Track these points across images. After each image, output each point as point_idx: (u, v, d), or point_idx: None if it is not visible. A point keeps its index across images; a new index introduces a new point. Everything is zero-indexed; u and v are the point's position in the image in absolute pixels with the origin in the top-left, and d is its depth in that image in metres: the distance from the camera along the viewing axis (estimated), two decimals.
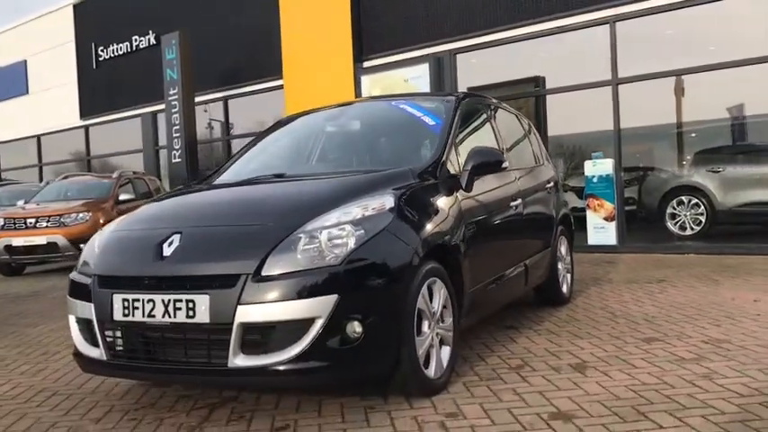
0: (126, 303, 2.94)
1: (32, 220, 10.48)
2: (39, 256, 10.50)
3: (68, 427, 3.09)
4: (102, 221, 10.66)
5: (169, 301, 2.85)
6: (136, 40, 15.42)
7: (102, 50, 16.29)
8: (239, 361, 2.78)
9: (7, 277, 10.56)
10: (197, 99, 13.46)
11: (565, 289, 5.44)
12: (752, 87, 9.01)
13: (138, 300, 2.92)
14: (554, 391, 3.18)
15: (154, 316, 2.88)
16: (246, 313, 2.75)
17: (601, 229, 9.25)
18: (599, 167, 9.29)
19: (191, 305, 2.81)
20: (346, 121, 4.52)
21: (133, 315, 2.93)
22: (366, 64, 11.73)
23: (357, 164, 4.04)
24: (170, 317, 2.85)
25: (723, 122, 10.22)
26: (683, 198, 9.58)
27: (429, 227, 3.29)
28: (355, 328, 2.82)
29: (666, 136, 10.94)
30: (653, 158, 11.00)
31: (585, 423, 2.75)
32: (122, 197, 11.42)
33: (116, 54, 15.95)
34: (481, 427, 2.78)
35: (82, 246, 10.54)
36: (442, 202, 3.51)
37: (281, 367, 2.76)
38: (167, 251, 2.97)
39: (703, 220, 9.38)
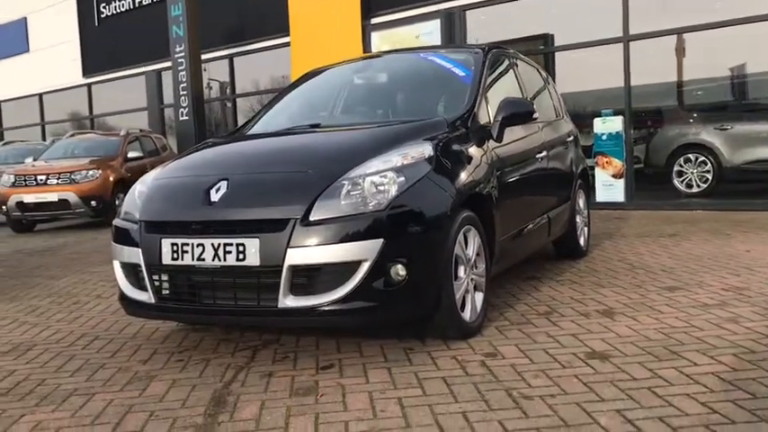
0: (175, 248, 3.03)
1: (43, 177, 10.52)
2: (50, 212, 10.57)
3: (118, 368, 3.20)
4: (111, 179, 10.76)
5: (219, 245, 2.94)
6: None
7: (104, 7, 16.10)
8: (289, 302, 2.88)
9: (19, 234, 10.63)
10: (201, 57, 13.37)
11: (582, 242, 5.54)
12: (760, 45, 9.01)
13: (187, 244, 3.00)
14: (586, 334, 3.30)
15: (203, 259, 2.97)
16: (296, 256, 2.84)
17: (609, 187, 9.33)
18: (608, 125, 9.34)
19: (241, 249, 2.90)
20: (376, 74, 4.56)
21: (182, 259, 3.02)
22: (375, 20, 11.65)
23: (390, 115, 4.10)
24: (220, 260, 2.94)
25: (731, 80, 10.22)
26: (690, 156, 9.65)
27: (464, 176, 3.37)
28: (399, 270, 2.91)
29: (674, 94, 10.95)
30: (660, 116, 11.02)
31: (622, 362, 2.87)
32: (131, 155, 11.46)
33: (119, 11, 15.78)
34: (521, 365, 2.89)
35: (93, 203, 10.79)
36: (475, 152, 3.58)
37: (330, 307, 2.87)
38: (215, 197, 3.05)
39: (710, 178, 9.46)
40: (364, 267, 2.85)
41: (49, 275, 6.18)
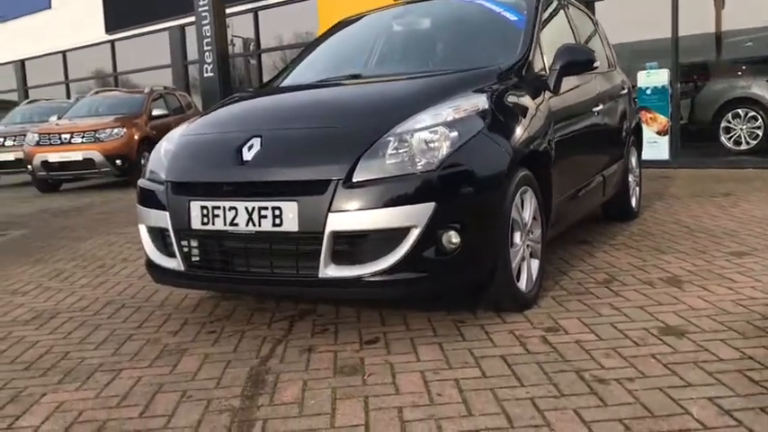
0: (205, 211, 2.76)
1: (67, 136, 10.34)
2: (75, 172, 10.41)
3: (146, 340, 2.98)
4: (136, 137, 10.56)
5: (253, 208, 2.66)
6: None
7: None
8: (330, 271, 2.61)
9: (44, 194, 10.51)
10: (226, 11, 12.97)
11: (634, 203, 5.19)
12: None
13: (218, 207, 2.73)
14: (655, 306, 3.00)
15: (236, 224, 2.70)
16: (338, 221, 2.56)
17: (653, 144, 8.86)
18: (653, 78, 8.84)
19: (277, 213, 2.62)
20: (418, 20, 4.18)
21: (213, 223, 2.75)
22: None
23: (436, 63, 3.74)
24: (254, 225, 2.67)
25: None
26: (738, 111, 9.15)
27: (520, 131, 3.04)
28: (452, 238, 2.62)
29: (721, 45, 10.38)
30: (706, 69, 10.47)
31: (702, 339, 2.57)
32: (155, 112, 11.22)
33: None
34: (588, 342, 2.61)
35: (118, 162, 10.62)
36: (532, 104, 3.24)
37: (375, 278, 2.59)
38: (247, 155, 2.76)
39: (760, 134, 8.97)
40: (414, 234, 2.56)
41: (75, 237, 5.99)
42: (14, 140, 11.69)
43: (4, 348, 2.98)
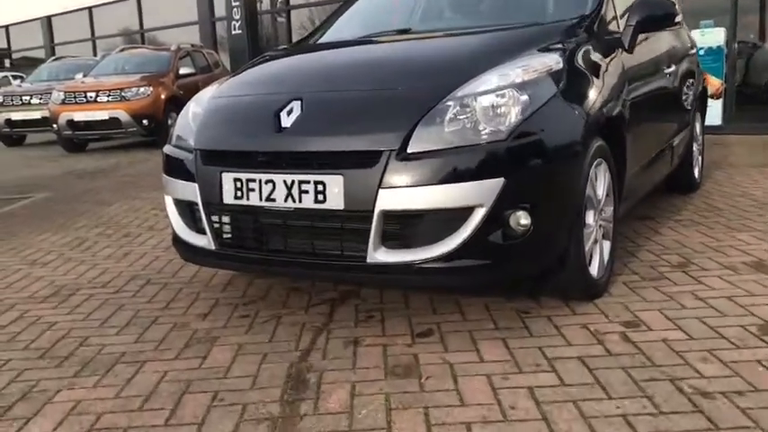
0: (238, 184, 2.44)
1: (93, 94, 10.08)
2: (101, 131, 10.17)
3: (173, 324, 2.70)
4: (163, 97, 10.26)
5: (293, 182, 2.33)
6: None
7: None
8: (380, 256, 2.27)
9: (71, 153, 10.29)
10: None
11: (696, 173, 4.77)
12: None
13: (253, 180, 2.40)
14: (746, 297, 2.63)
15: (273, 200, 2.37)
16: (390, 199, 2.22)
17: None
18: (708, 38, 8.26)
19: (320, 188, 2.29)
20: None
21: (247, 198, 2.43)
22: None
23: (493, 17, 3.32)
24: (294, 201, 2.34)
25: None
26: None
27: (595, 96, 2.65)
28: (520, 219, 2.26)
29: None
30: (764, 29, 9.83)
31: None
32: (183, 71, 10.90)
33: None
34: (676, 341, 2.25)
35: (144, 121, 10.35)
36: (605, 64, 2.84)
37: (432, 265, 2.25)
38: (286, 121, 2.42)
39: None
40: (478, 215, 2.21)
41: (99, 201, 5.73)
42: (41, 98, 11.45)
43: (18, 331, 2.72)
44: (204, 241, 2.62)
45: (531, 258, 2.37)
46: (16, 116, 11.58)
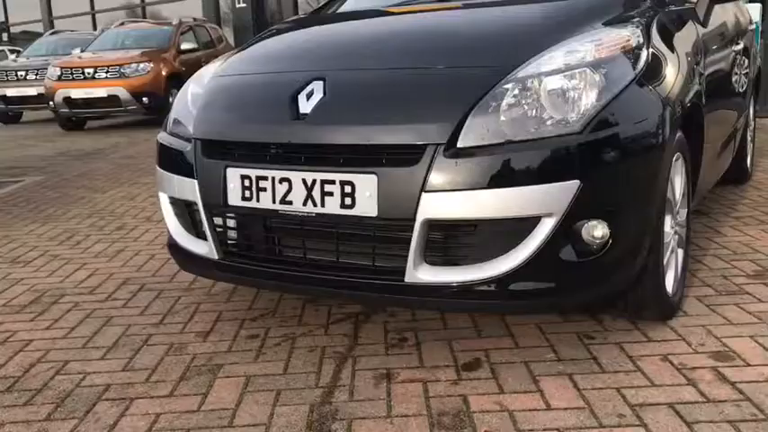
0: (247, 182, 2.00)
1: (90, 71, 9.64)
2: (99, 109, 9.74)
3: (168, 345, 2.28)
4: (164, 73, 9.83)
5: (314, 182, 1.89)
6: None
7: None
8: (422, 274, 1.84)
9: (69, 132, 9.87)
10: None
11: (749, 162, 4.32)
12: None
13: (264, 178, 1.97)
14: None
15: (289, 202, 1.94)
16: (435, 205, 1.78)
17: None
18: None
19: (347, 190, 1.85)
20: None
21: (257, 200, 1.99)
22: None
23: None
24: (315, 205, 1.90)
25: None
26: None
27: (674, 79, 2.19)
28: (596, 230, 1.83)
29: None
30: None
31: None
32: (184, 46, 10.43)
33: None
34: None
35: (144, 99, 9.90)
36: (682, 42, 2.40)
37: (487, 287, 1.82)
38: (306, 106, 1.97)
39: None
40: (547, 226, 1.78)
41: (94, 187, 5.31)
42: (37, 74, 11.01)
43: None
44: (205, 249, 2.19)
45: (606, 279, 1.94)
46: (12, 92, 11.16)
